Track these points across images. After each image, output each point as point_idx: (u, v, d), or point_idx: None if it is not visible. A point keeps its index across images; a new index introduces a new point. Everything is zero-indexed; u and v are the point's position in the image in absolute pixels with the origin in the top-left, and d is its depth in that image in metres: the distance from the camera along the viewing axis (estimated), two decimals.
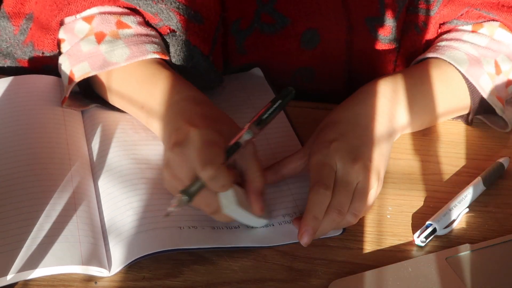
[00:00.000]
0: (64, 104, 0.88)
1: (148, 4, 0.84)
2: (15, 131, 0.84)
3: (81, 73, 0.85)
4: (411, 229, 0.78)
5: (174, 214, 0.70)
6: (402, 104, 0.84)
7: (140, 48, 0.84)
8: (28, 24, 0.90)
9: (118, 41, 0.85)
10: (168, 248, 0.71)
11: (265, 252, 0.74)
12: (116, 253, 0.72)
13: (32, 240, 0.70)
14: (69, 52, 0.87)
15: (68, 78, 0.87)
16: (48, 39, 0.90)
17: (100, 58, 0.85)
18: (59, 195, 0.76)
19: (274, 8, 0.91)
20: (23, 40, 0.90)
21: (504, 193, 0.83)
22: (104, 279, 0.70)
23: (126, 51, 0.84)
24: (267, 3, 0.91)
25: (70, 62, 0.86)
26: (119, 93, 0.86)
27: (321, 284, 0.71)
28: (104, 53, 0.84)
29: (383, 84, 0.85)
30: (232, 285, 0.70)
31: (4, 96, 0.89)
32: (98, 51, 0.85)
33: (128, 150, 0.83)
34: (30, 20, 0.90)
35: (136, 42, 0.85)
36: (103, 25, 0.86)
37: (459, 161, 0.87)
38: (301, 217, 0.74)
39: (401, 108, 0.84)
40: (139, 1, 0.84)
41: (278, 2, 0.90)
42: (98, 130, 0.86)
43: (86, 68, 0.85)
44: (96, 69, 0.84)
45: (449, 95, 0.89)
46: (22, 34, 0.90)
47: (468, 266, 0.72)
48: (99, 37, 0.86)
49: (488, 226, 0.78)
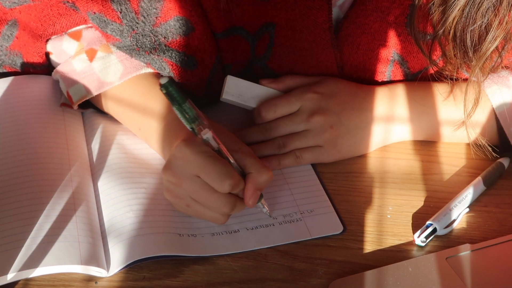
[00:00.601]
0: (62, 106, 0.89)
1: (140, 55, 0.82)
2: (15, 131, 0.84)
3: (78, 97, 0.86)
4: (412, 229, 0.77)
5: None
6: (411, 111, 0.85)
7: (133, 63, 0.84)
8: (12, 31, 0.88)
9: (110, 56, 0.84)
10: (167, 254, 0.72)
11: (266, 252, 0.74)
12: (115, 254, 0.72)
13: (32, 240, 0.70)
14: (62, 70, 0.87)
15: (66, 95, 0.87)
16: (37, 56, 0.90)
17: (94, 78, 0.85)
18: (59, 195, 0.76)
19: (267, 65, 0.90)
20: (7, 46, 0.89)
21: (504, 193, 0.83)
22: (104, 279, 0.70)
23: (119, 67, 0.84)
24: (260, 59, 0.89)
25: (65, 84, 0.87)
26: (115, 112, 0.86)
27: (322, 284, 0.71)
28: (98, 72, 0.84)
29: (398, 88, 0.86)
30: (233, 285, 0.70)
31: (4, 96, 0.89)
32: (91, 69, 0.85)
33: (129, 153, 0.83)
34: (15, 27, 0.88)
35: (128, 56, 0.84)
36: (93, 42, 0.86)
37: (459, 161, 0.86)
38: None
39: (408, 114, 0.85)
40: (132, 52, 0.83)
41: (271, 60, 0.89)
42: (98, 131, 0.86)
43: (82, 91, 0.85)
44: (91, 92, 0.85)
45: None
46: (6, 40, 0.89)
47: (469, 266, 0.72)
48: (90, 54, 0.85)
49: (488, 226, 0.78)
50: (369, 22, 0.83)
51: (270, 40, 0.86)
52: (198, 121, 0.70)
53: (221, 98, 0.86)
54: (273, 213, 0.78)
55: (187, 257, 0.72)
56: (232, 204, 0.73)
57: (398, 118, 0.86)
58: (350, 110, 0.85)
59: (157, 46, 0.81)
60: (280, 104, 0.85)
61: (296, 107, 0.84)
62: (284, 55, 0.87)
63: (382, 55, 0.86)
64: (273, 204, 0.79)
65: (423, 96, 0.86)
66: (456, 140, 0.88)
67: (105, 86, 0.84)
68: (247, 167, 0.74)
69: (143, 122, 0.83)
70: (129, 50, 0.82)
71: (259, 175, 0.74)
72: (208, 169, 0.71)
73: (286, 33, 0.85)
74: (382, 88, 0.87)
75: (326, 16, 0.82)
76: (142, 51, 0.82)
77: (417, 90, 0.86)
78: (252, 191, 0.73)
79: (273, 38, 0.85)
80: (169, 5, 0.79)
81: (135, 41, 0.81)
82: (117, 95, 0.85)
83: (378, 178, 0.84)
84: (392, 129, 0.86)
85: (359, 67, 0.87)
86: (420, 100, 0.86)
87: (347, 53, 0.86)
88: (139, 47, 0.81)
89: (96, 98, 0.87)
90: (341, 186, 0.83)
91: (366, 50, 0.85)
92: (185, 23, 0.80)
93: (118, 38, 0.81)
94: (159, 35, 0.80)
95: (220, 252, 0.74)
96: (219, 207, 0.72)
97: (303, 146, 0.84)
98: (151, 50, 0.81)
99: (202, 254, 0.73)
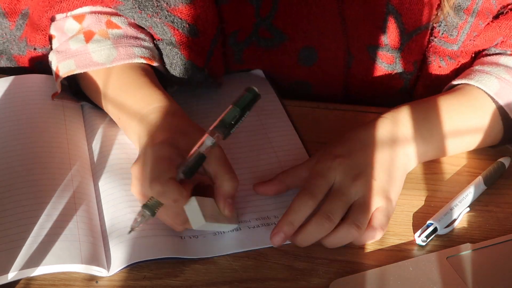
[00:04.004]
0: (54, 98, 0.89)
1: (142, 17, 0.84)
2: (16, 130, 0.84)
3: (66, 70, 0.85)
4: (412, 228, 0.77)
5: (139, 229, 0.71)
6: (419, 133, 0.81)
7: (128, 51, 0.85)
8: (23, 20, 0.91)
9: (106, 41, 0.85)
10: (168, 256, 0.72)
11: (266, 252, 0.74)
12: (116, 254, 0.72)
13: (33, 239, 0.70)
14: (58, 49, 0.88)
15: (55, 74, 0.87)
16: (40, 35, 0.90)
17: (87, 57, 0.85)
18: (60, 194, 0.76)
19: (272, 24, 0.90)
20: (19, 36, 0.91)
21: (505, 192, 0.83)
22: (105, 279, 0.70)
23: (113, 52, 0.84)
24: (265, 18, 0.90)
25: (57, 59, 0.87)
26: (100, 97, 0.86)
27: (322, 283, 0.71)
28: (91, 52, 0.85)
29: (402, 112, 0.82)
30: (233, 284, 0.70)
31: (4, 96, 0.90)
32: (85, 49, 0.85)
33: (130, 153, 0.83)
34: (26, 16, 0.91)
35: (124, 44, 0.85)
36: (93, 24, 0.86)
37: (460, 160, 0.86)
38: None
39: (418, 136, 0.81)
40: (134, 14, 0.84)
41: (276, 18, 0.89)
42: (99, 131, 0.86)
43: (72, 65, 0.85)
44: (80, 68, 0.85)
45: (475, 121, 0.84)
46: (18, 29, 0.91)
47: (469, 265, 0.72)
48: (87, 36, 0.86)
49: (489, 226, 0.78)
50: None
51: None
52: (224, 130, 0.71)
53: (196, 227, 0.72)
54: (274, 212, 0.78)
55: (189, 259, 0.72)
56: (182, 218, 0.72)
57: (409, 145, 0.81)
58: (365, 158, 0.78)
59: (159, 11, 0.83)
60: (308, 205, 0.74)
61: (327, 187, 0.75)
62: (289, 8, 0.88)
63: (377, 5, 0.87)
64: (274, 203, 0.79)
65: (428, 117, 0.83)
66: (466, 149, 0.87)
67: (95, 66, 0.84)
68: (213, 177, 0.74)
69: (121, 114, 0.82)
70: (131, 12, 0.84)
71: (222, 184, 0.73)
72: (145, 169, 0.71)
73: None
74: (384, 118, 0.82)
75: None
76: (144, 13, 0.83)
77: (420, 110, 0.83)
78: (222, 200, 0.73)
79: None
80: None
81: (138, 3, 0.83)
82: (102, 80, 0.85)
83: None
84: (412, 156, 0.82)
85: (359, 18, 0.88)
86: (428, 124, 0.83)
87: (348, 2, 0.88)
88: (141, 9, 0.83)
89: (85, 82, 0.87)
90: None
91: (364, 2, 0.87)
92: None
93: (121, 1, 0.83)
94: (161, 0, 0.82)
95: (222, 252, 0.73)
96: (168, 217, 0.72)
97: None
98: (154, 13, 0.83)
99: (204, 256, 0.73)
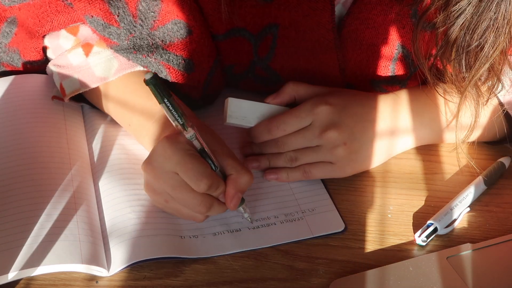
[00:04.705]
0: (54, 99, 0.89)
1: (137, 58, 0.82)
2: (16, 130, 0.84)
3: (71, 90, 0.86)
4: (412, 228, 0.78)
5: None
6: (418, 114, 0.84)
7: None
8: (11, 28, 0.89)
9: (105, 52, 0.84)
10: (168, 256, 0.72)
11: (266, 252, 0.74)
12: (116, 253, 0.72)
13: (33, 239, 0.71)
14: (58, 63, 0.87)
15: (59, 88, 0.87)
16: (34, 52, 0.90)
17: (89, 73, 0.85)
18: (60, 194, 0.76)
19: (269, 65, 0.89)
20: (6, 43, 0.89)
21: (505, 192, 0.83)
22: (105, 279, 0.70)
23: (114, 63, 0.84)
24: (263, 59, 0.88)
25: (59, 75, 0.87)
26: (107, 107, 0.86)
27: (322, 283, 0.71)
28: (93, 66, 0.84)
29: (404, 93, 0.84)
30: (233, 284, 0.70)
31: (4, 96, 0.90)
32: (87, 64, 0.85)
33: (130, 153, 0.83)
34: (14, 24, 0.89)
35: None
36: (89, 36, 0.86)
37: (460, 160, 0.86)
38: None
39: (416, 118, 0.84)
40: (129, 55, 0.83)
41: (273, 61, 0.88)
42: (99, 131, 0.87)
43: (76, 84, 0.85)
44: (85, 86, 0.85)
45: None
46: (5, 37, 0.89)
47: (469, 265, 0.72)
48: (86, 49, 0.85)
49: (489, 226, 0.78)
50: (373, 16, 0.82)
51: (273, 41, 0.86)
52: (182, 119, 0.70)
53: (225, 122, 0.82)
54: (274, 212, 0.78)
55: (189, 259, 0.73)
56: (208, 204, 0.73)
57: (405, 128, 0.84)
58: (363, 122, 0.82)
59: (155, 49, 0.81)
60: (289, 122, 0.81)
61: (307, 122, 0.81)
62: (287, 55, 0.87)
63: (386, 49, 0.85)
64: (274, 203, 0.79)
65: (426, 102, 0.85)
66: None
67: (100, 81, 0.84)
68: (227, 169, 0.74)
69: (133, 118, 0.83)
70: (126, 53, 0.82)
71: (239, 177, 0.74)
72: (185, 167, 0.71)
73: (289, 34, 0.84)
74: (387, 95, 0.85)
75: (329, 17, 0.81)
76: (140, 54, 0.81)
77: (420, 95, 0.85)
78: (233, 193, 0.73)
79: (276, 39, 0.85)
80: (167, 9, 0.79)
81: (133, 44, 0.81)
82: (109, 90, 0.85)
83: (379, 178, 0.84)
84: (399, 140, 0.85)
85: (363, 63, 0.87)
86: (426, 107, 0.85)
87: (351, 50, 0.86)
88: (136, 50, 0.81)
89: (89, 92, 0.87)
90: (342, 185, 0.82)
91: (369, 46, 0.85)
92: (183, 26, 0.80)
93: (116, 41, 0.81)
94: (156, 38, 0.80)
95: (222, 252, 0.74)
96: (195, 205, 0.73)
97: (314, 161, 0.82)
98: (149, 53, 0.81)
99: (204, 255, 0.73)
